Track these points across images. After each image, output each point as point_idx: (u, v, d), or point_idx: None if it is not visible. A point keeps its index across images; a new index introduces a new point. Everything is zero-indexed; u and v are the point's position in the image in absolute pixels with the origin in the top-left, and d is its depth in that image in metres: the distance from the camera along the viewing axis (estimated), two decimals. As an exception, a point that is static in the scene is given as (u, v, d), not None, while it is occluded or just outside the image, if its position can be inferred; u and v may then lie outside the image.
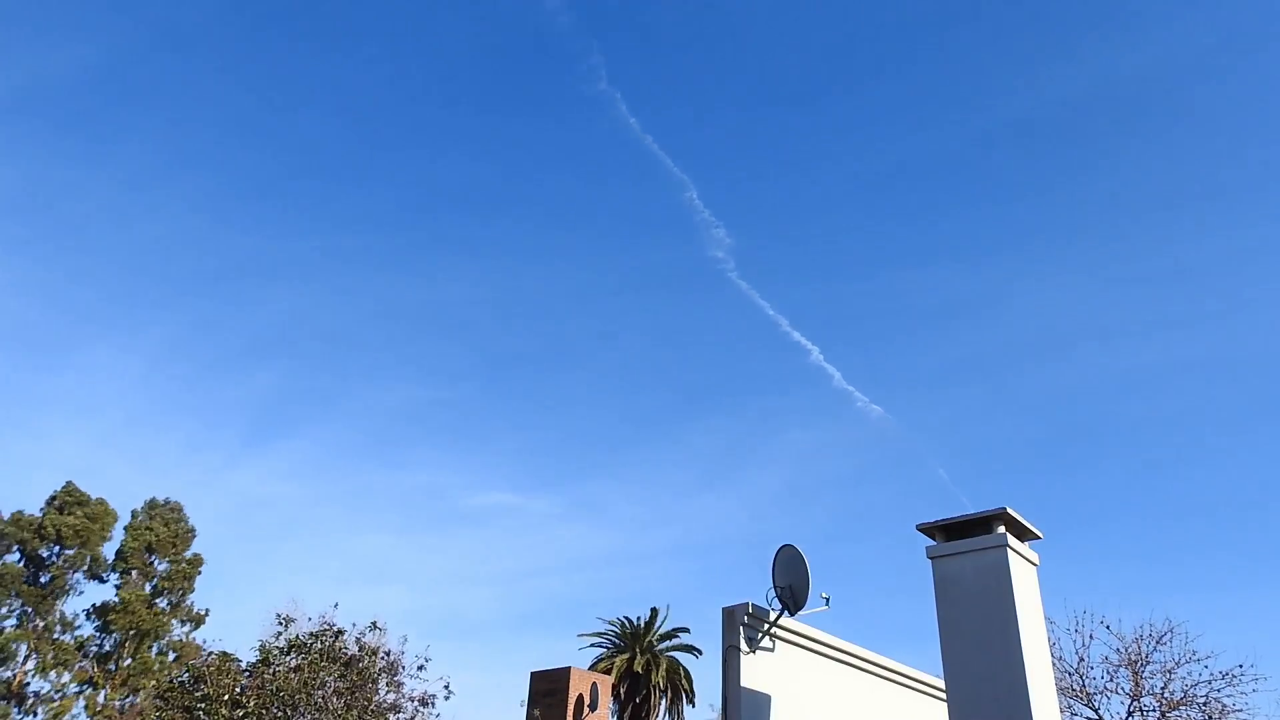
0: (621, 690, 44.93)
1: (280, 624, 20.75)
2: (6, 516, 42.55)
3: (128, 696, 41.34)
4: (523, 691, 22.23)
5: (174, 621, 43.52)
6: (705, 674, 50.84)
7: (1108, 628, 19.55)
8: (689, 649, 48.32)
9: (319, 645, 20.02)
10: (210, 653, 21.08)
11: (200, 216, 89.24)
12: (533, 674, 23.16)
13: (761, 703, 8.74)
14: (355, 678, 19.79)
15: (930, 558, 9.16)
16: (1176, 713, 18.41)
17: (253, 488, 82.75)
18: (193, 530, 44.20)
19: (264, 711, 18.69)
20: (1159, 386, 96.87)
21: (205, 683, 19.49)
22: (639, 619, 47.96)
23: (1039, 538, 10.13)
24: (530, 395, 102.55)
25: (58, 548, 43.08)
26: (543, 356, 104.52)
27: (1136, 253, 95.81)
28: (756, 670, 8.74)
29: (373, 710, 19.69)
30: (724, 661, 8.62)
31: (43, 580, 43.16)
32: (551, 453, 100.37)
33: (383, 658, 20.59)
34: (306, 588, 75.49)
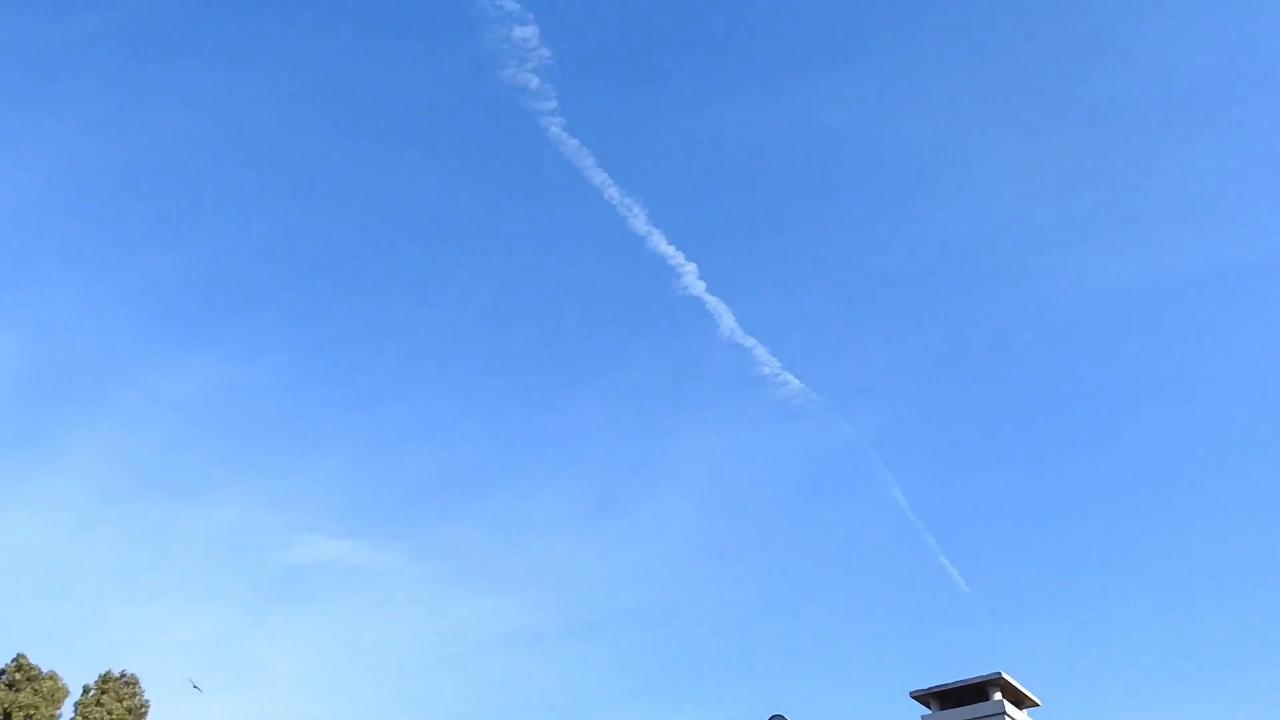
0: None
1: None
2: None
3: None
4: None
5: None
6: None
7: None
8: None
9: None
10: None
11: None
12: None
13: None
14: None
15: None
16: None
17: (23, 534, 62.80)
18: (146, 704, 44.41)
19: None
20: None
21: None
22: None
23: (1037, 705, 11.24)
24: (337, 378, 71.40)
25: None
26: (324, 288, 71.10)
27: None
28: None
29: None
30: None
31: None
32: (384, 470, 70.30)
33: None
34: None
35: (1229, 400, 74.24)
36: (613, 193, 58.68)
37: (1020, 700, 15.75)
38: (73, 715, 43.44)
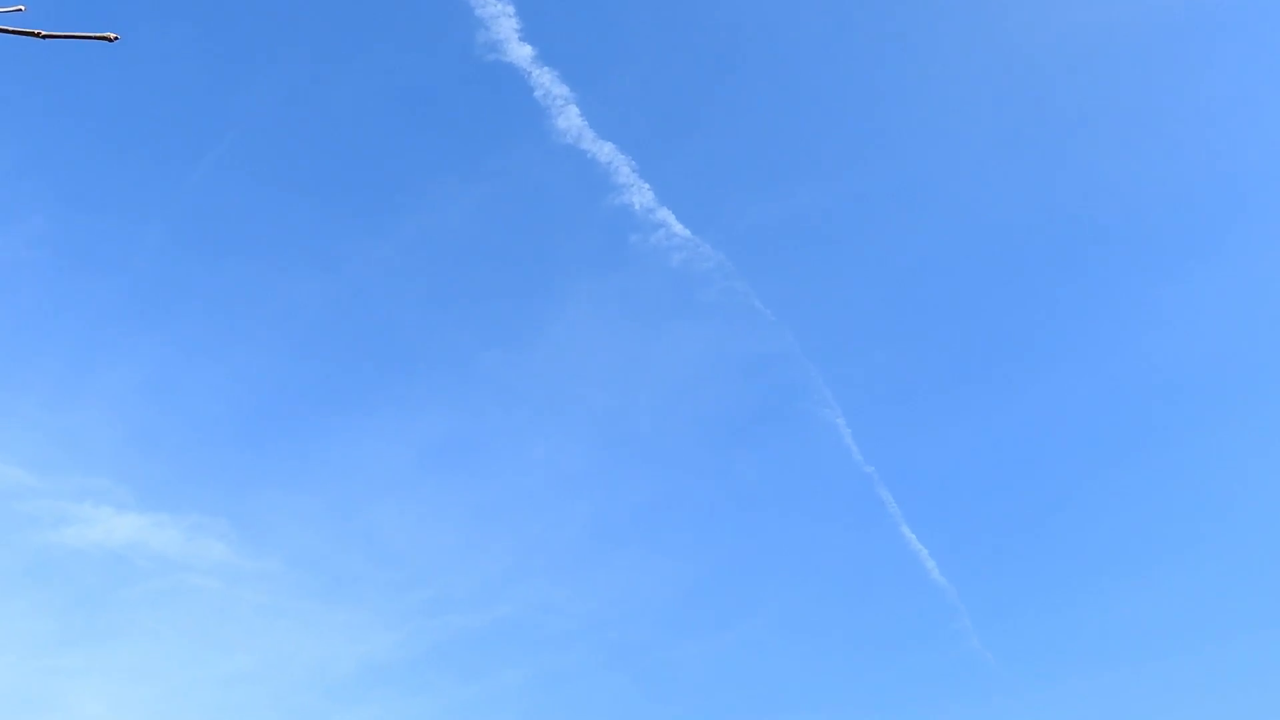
0: None
1: None
2: None
3: None
4: None
5: None
6: None
7: None
8: None
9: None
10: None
11: None
12: None
13: None
14: None
15: None
16: None
17: None
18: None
19: None
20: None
21: None
22: None
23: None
24: (103, 255, 48.52)
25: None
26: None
27: None
28: None
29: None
30: None
31: None
32: (174, 406, 48.03)
33: None
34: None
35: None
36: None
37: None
38: None
